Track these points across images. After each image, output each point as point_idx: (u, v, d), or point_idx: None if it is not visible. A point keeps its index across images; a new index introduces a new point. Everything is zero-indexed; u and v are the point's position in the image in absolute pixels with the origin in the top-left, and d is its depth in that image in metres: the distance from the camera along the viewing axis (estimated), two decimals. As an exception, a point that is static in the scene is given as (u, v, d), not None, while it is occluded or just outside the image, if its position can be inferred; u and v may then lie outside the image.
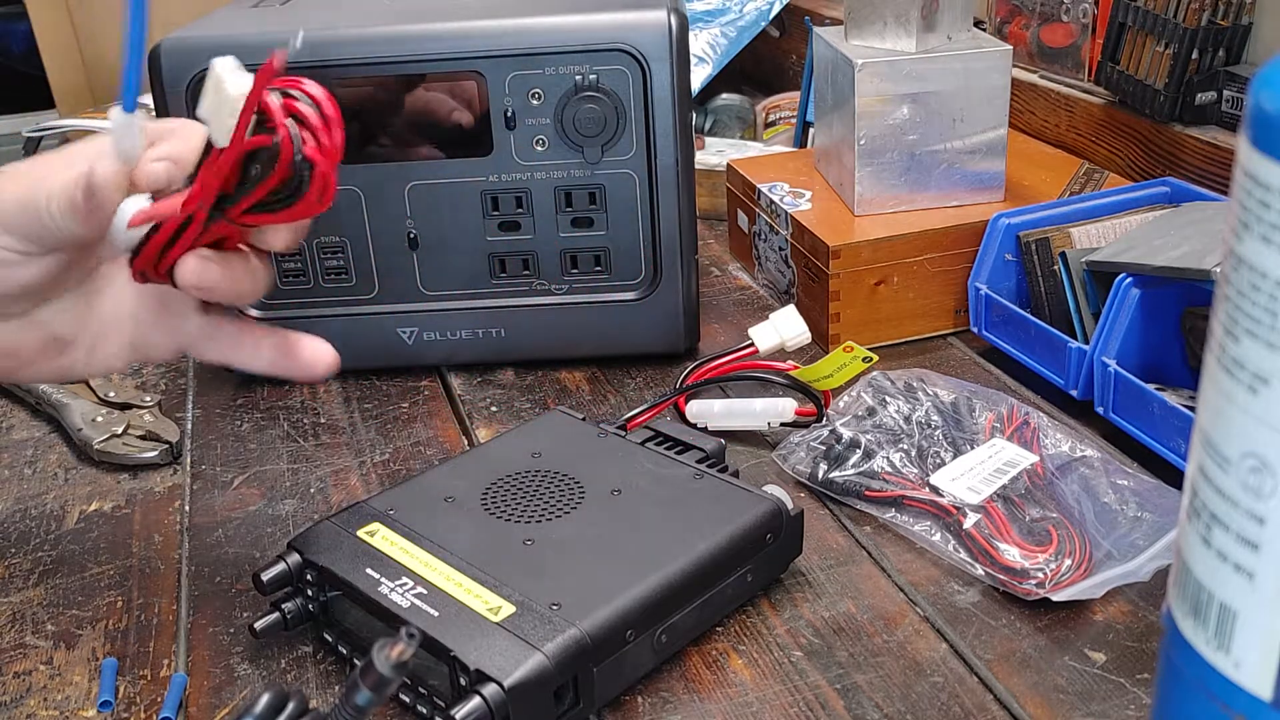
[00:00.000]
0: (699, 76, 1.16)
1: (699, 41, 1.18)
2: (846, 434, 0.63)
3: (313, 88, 0.44)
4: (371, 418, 0.73)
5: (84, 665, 0.53)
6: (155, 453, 0.69)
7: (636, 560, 0.50)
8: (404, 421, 0.72)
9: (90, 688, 0.52)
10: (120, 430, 0.70)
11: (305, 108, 0.44)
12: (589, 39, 0.69)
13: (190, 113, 0.70)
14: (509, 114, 0.71)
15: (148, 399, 0.73)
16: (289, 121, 0.43)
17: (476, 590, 0.48)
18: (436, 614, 0.47)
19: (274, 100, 0.43)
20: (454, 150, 0.72)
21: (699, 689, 0.50)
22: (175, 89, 0.69)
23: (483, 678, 0.44)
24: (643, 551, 0.51)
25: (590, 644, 0.46)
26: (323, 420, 0.73)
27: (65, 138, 1.11)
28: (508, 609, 0.47)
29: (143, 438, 0.70)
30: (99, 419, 0.71)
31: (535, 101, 0.70)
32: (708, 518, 0.53)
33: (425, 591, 0.48)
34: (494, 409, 0.73)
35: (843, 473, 0.61)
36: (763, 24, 1.20)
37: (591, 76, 0.69)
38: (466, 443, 0.70)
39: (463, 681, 0.45)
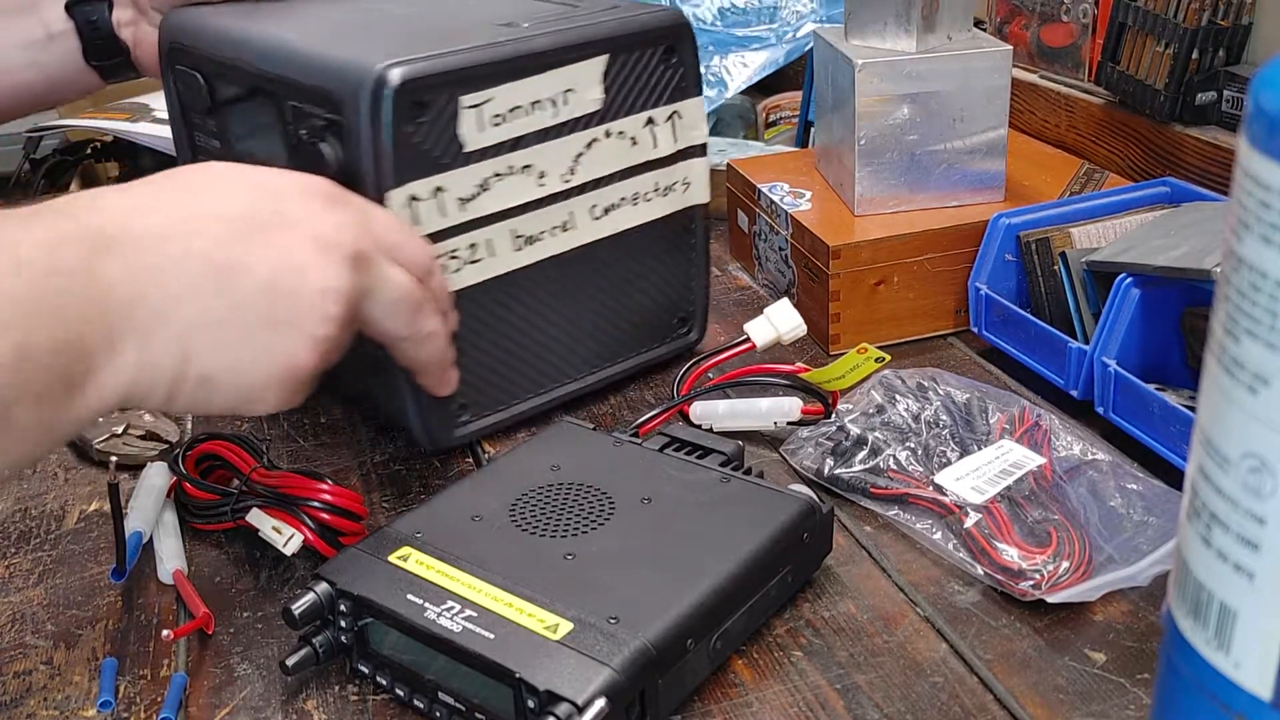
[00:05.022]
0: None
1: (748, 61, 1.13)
2: (854, 430, 0.63)
3: None
4: (371, 417, 0.73)
5: (84, 665, 0.53)
6: (155, 453, 0.69)
7: (685, 568, 0.50)
8: (404, 421, 0.72)
9: (90, 688, 0.52)
10: (120, 430, 0.70)
11: None
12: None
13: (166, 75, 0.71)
14: None
15: (148, 399, 0.73)
16: None
17: (529, 609, 0.47)
18: (492, 636, 0.46)
19: None
20: None
21: (699, 689, 0.50)
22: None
23: (554, 698, 0.43)
24: (689, 559, 0.50)
25: (655, 655, 0.46)
26: (323, 420, 0.73)
27: (65, 137, 1.11)
28: (565, 626, 0.46)
29: (143, 437, 0.70)
30: (99, 419, 0.71)
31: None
32: (745, 520, 0.53)
33: (475, 614, 0.47)
34: (494, 409, 0.73)
35: (849, 469, 0.62)
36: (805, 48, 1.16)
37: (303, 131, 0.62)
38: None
39: (531, 704, 0.44)
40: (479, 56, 0.61)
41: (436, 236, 0.61)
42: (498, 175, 0.62)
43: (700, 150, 0.72)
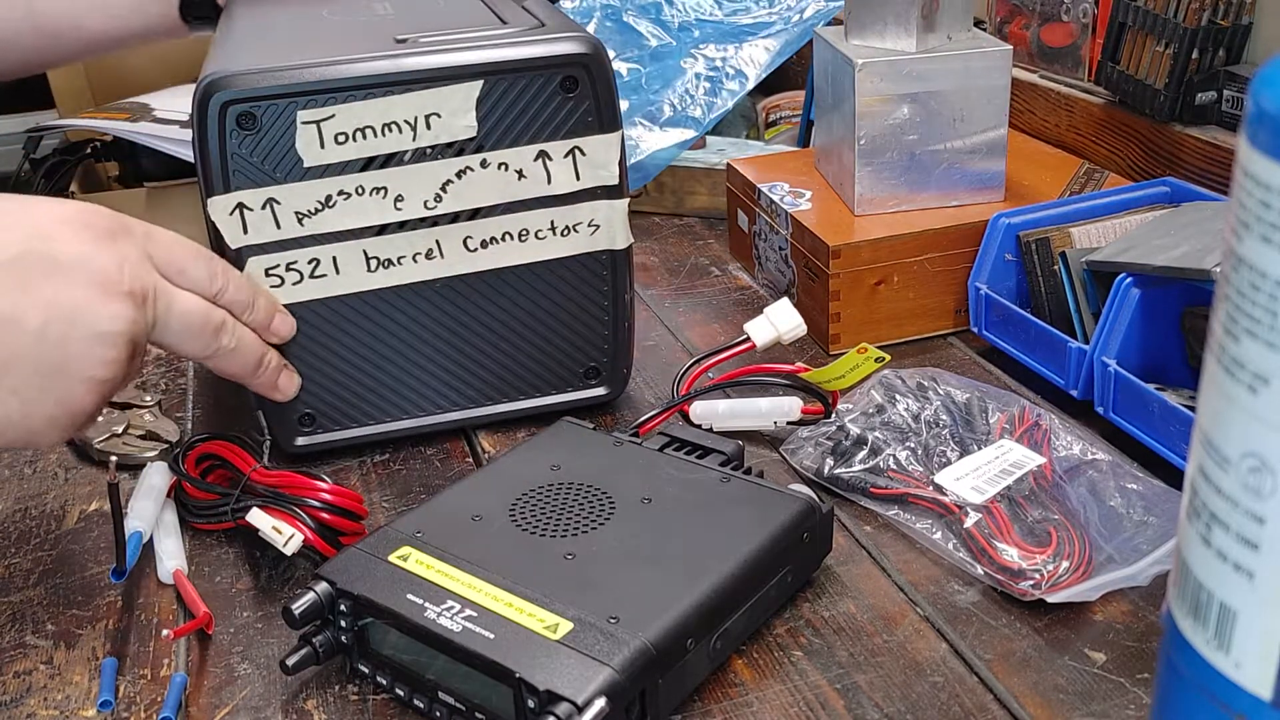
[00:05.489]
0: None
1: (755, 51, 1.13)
2: (854, 430, 0.63)
3: None
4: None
5: (84, 665, 0.53)
6: (155, 453, 0.69)
7: (685, 568, 0.50)
8: (404, 421, 0.72)
9: (90, 688, 0.52)
10: (120, 430, 0.70)
11: None
12: None
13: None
14: None
15: (148, 399, 0.73)
16: None
17: (529, 609, 0.47)
18: (492, 636, 0.46)
19: None
20: None
21: (699, 689, 0.50)
22: None
23: (554, 698, 0.43)
24: (689, 558, 0.50)
25: (655, 655, 0.46)
26: (323, 420, 0.73)
27: (65, 137, 1.11)
28: (565, 626, 0.46)
29: (143, 437, 0.70)
30: (99, 418, 0.71)
31: None
32: (745, 520, 0.53)
33: (475, 614, 0.47)
34: (494, 409, 0.73)
35: (849, 469, 0.62)
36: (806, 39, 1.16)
37: None
38: (465, 442, 0.70)
39: (531, 704, 0.44)
40: (323, 74, 0.60)
41: (270, 248, 0.62)
42: (344, 194, 0.61)
43: (614, 192, 0.65)
